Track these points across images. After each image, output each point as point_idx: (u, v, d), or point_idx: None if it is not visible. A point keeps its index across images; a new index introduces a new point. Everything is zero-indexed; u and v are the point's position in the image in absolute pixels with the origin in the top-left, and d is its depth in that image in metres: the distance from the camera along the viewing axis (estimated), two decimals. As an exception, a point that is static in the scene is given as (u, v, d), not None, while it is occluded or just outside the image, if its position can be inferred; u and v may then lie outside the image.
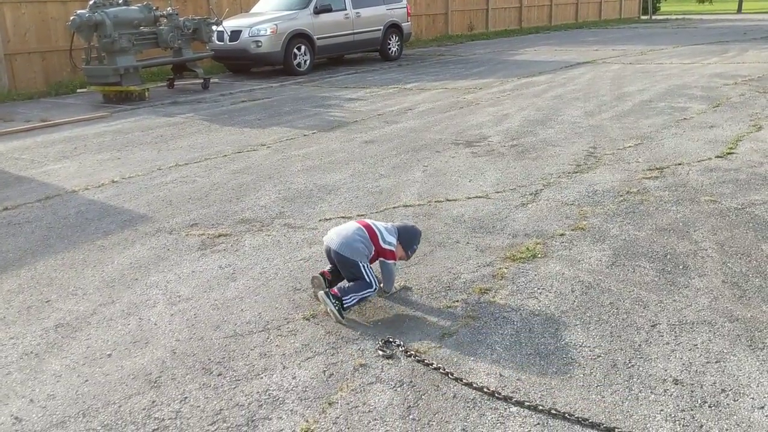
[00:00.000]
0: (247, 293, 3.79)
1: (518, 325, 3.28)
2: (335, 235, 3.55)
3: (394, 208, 5.17)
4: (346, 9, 15.32)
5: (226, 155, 7.16)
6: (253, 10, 15.51)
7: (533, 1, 28.00)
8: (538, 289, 3.66)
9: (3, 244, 4.76)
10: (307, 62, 14.45)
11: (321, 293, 3.46)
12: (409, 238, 3.68)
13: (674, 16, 36.70)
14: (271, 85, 12.78)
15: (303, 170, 6.41)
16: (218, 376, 2.95)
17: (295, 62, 14.20)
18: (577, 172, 5.87)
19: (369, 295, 3.48)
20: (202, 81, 12.57)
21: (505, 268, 3.95)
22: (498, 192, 5.43)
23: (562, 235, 4.44)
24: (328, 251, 3.58)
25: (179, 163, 6.87)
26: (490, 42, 21.72)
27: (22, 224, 5.17)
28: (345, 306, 3.40)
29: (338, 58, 16.66)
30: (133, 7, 11.39)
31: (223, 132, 8.45)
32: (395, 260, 3.62)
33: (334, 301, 3.39)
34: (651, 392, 2.70)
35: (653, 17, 36.07)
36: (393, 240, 3.57)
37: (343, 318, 3.40)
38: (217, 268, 4.17)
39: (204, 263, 4.26)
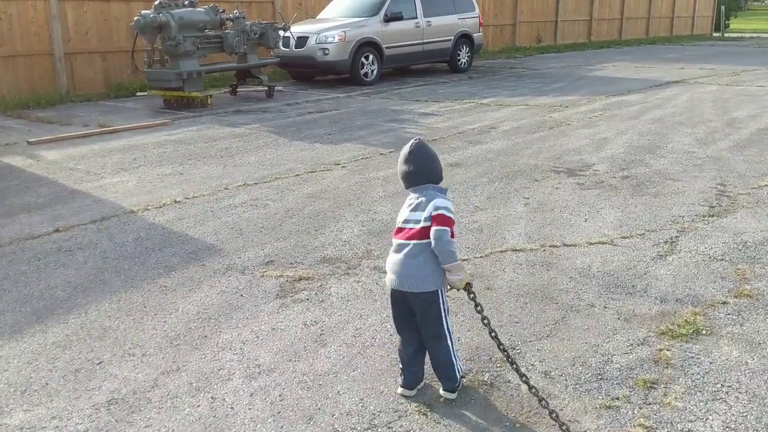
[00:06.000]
0: (342, 366, 3.04)
1: (713, 445, 2.45)
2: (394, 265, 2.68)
3: (501, 252, 4.38)
4: (417, 17, 14.53)
5: (298, 174, 6.45)
6: (320, 16, 14.86)
7: (604, 14, 26.84)
8: (723, 386, 2.81)
9: (51, 276, 4.12)
10: (375, 72, 13.71)
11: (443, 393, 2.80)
12: None
13: (747, 34, 34.94)
14: (337, 96, 12.09)
15: (386, 197, 5.65)
16: (319, 502, 2.20)
17: (362, 72, 13.47)
18: (713, 216, 4.98)
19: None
20: (267, 89, 11.93)
21: (667, 349, 3.11)
22: (624, 237, 4.58)
23: (724, 303, 3.58)
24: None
25: (248, 183, 6.18)
26: (561, 55, 20.71)
27: (74, 251, 4.53)
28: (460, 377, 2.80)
29: (404, 69, 15.90)
30: (199, 9, 10.84)
31: (292, 147, 7.76)
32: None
33: (453, 388, 2.78)
34: None
35: (725, 35, 34.42)
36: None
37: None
38: (302, 325, 3.43)
39: (285, 317, 3.52)
